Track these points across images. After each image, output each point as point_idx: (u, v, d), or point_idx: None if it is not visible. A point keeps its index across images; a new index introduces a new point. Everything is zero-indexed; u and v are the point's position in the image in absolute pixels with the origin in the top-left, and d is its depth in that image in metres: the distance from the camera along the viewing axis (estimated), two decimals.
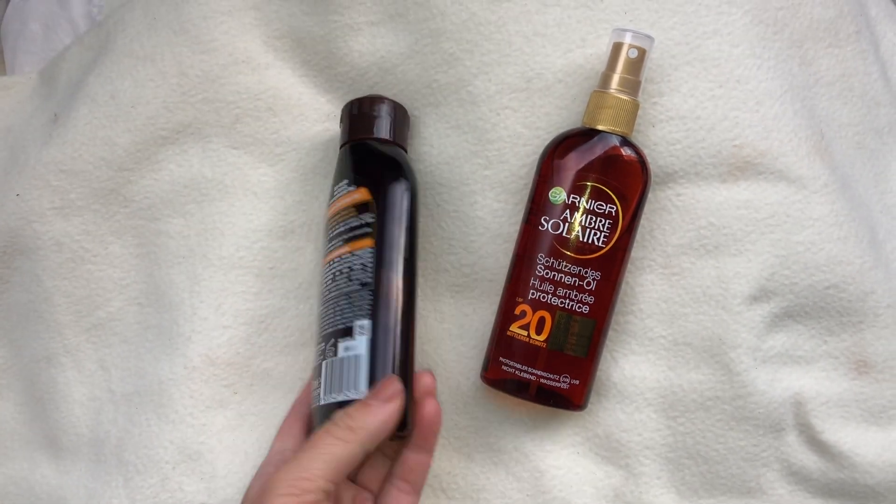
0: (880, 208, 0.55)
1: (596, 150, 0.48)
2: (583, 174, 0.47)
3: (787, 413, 0.51)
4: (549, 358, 0.48)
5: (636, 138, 0.50)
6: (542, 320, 0.48)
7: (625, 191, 0.48)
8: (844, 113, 0.54)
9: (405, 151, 0.51)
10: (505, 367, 0.49)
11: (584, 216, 0.47)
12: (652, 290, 0.51)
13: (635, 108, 0.48)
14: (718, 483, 0.51)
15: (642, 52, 0.48)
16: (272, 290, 0.54)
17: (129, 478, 0.52)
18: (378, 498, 0.47)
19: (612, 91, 0.48)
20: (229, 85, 0.54)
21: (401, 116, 0.51)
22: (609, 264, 0.48)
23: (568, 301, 0.48)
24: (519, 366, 0.48)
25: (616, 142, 0.48)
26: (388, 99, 0.51)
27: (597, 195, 0.47)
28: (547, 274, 0.48)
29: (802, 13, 0.52)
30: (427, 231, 0.53)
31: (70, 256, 0.54)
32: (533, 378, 0.48)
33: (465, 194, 0.52)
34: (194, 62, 0.53)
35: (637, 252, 0.51)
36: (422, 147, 0.53)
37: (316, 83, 0.55)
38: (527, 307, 0.48)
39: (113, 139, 0.54)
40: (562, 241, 0.48)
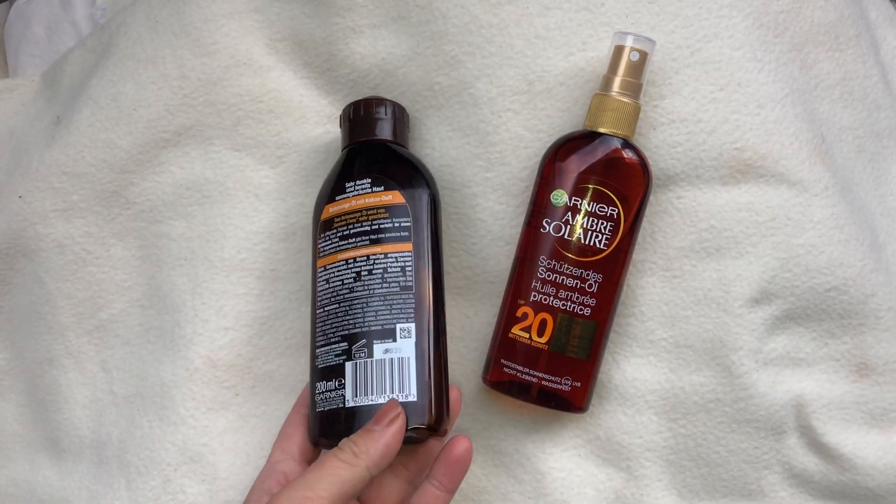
0: (881, 211, 0.55)
1: (597, 152, 0.48)
2: (584, 176, 0.48)
3: (788, 415, 0.51)
4: (550, 360, 0.48)
5: (638, 141, 0.50)
6: (543, 322, 0.48)
7: (626, 193, 0.48)
8: (845, 116, 0.54)
9: None
10: (506, 369, 0.49)
11: (586, 218, 0.48)
12: (653, 292, 0.51)
13: (637, 110, 0.48)
14: (720, 485, 0.51)
15: (644, 55, 0.48)
16: (274, 292, 0.54)
17: (131, 479, 0.52)
18: None
19: (613, 94, 0.48)
20: (231, 87, 0.54)
21: (406, 119, 0.52)
22: (610, 266, 0.48)
23: (569, 303, 0.48)
24: (520, 368, 0.48)
25: (617, 144, 0.48)
26: (395, 102, 0.51)
27: (598, 197, 0.48)
28: (548, 276, 0.48)
29: (803, 17, 0.52)
30: None
31: (72, 258, 0.55)
32: (534, 380, 0.48)
33: (466, 197, 0.52)
34: (196, 65, 0.53)
35: (638, 254, 0.51)
36: (423, 149, 0.53)
37: (317, 85, 0.55)
38: (528, 309, 0.48)
39: (115, 141, 0.54)
40: (563, 243, 0.48)
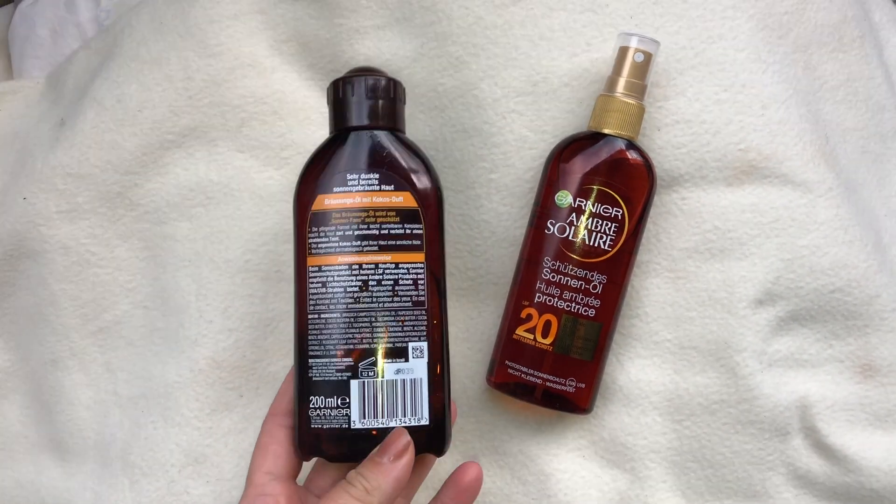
0: (885, 212, 0.55)
1: (602, 153, 0.48)
2: (589, 178, 0.48)
3: (792, 417, 0.51)
4: (555, 361, 0.48)
5: (642, 142, 0.50)
6: (548, 324, 0.48)
7: (631, 194, 0.48)
8: (849, 117, 0.54)
9: None
10: (511, 371, 0.49)
11: (590, 219, 0.48)
12: (658, 293, 0.51)
13: (641, 111, 0.48)
14: (724, 487, 0.51)
15: (648, 57, 0.48)
16: (278, 293, 0.54)
17: (136, 480, 0.52)
18: None
19: (617, 95, 0.48)
20: (235, 89, 0.54)
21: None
22: (615, 268, 0.48)
23: (574, 304, 0.48)
24: (525, 369, 0.48)
25: (622, 145, 0.48)
26: (398, 81, 0.46)
27: (603, 199, 0.48)
28: (553, 277, 0.48)
29: (807, 18, 0.52)
30: None
31: (76, 260, 0.55)
32: (539, 381, 0.48)
33: (470, 198, 0.52)
34: (200, 66, 0.54)
35: (643, 255, 0.51)
36: (427, 151, 0.53)
37: (322, 87, 0.55)
38: (533, 310, 0.48)
39: (119, 143, 0.54)
40: (568, 244, 0.48)
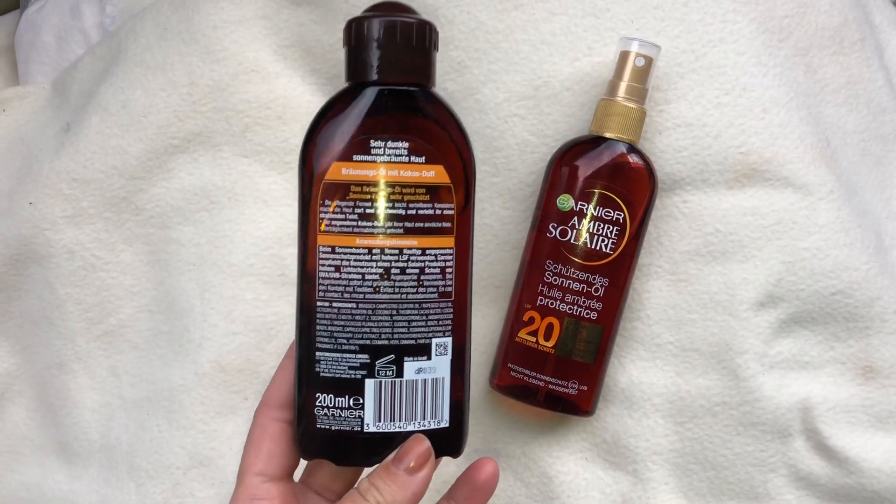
0: (886, 214, 0.55)
1: (603, 157, 0.48)
2: (590, 181, 0.48)
3: (794, 418, 0.51)
4: (557, 364, 0.48)
5: (643, 146, 0.50)
6: (550, 326, 0.48)
7: (632, 198, 0.48)
8: (850, 120, 0.54)
9: None
10: (513, 373, 0.49)
11: (592, 223, 0.48)
12: (659, 296, 0.51)
13: (642, 115, 0.48)
14: (726, 488, 0.51)
15: (649, 61, 0.48)
16: (281, 297, 0.54)
17: (141, 483, 0.52)
18: None
19: (619, 99, 0.48)
20: (239, 94, 0.54)
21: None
22: (617, 271, 0.48)
23: (576, 307, 0.48)
24: (527, 372, 0.48)
25: (623, 149, 0.48)
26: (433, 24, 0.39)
27: (604, 202, 0.48)
28: (555, 280, 0.48)
29: (807, 21, 0.53)
30: None
31: (82, 264, 0.55)
32: (541, 384, 0.48)
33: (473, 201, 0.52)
34: (204, 72, 0.54)
35: (644, 258, 0.51)
36: None
37: (325, 92, 0.55)
38: (535, 313, 0.48)
39: (124, 148, 0.54)
40: (570, 247, 0.48)
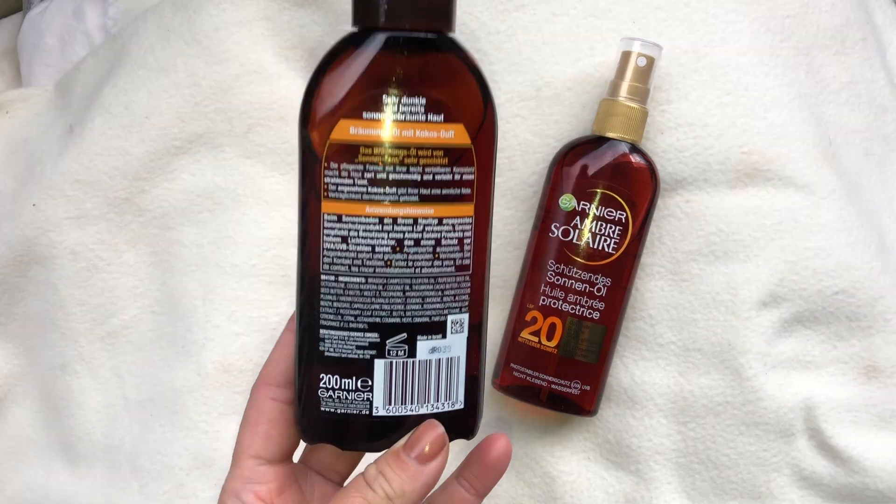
0: (888, 214, 0.55)
1: (605, 157, 0.48)
2: (592, 181, 0.48)
3: (796, 418, 0.51)
4: (559, 364, 0.48)
5: (645, 145, 0.50)
6: (552, 326, 0.48)
7: (634, 197, 0.48)
8: (852, 119, 0.54)
9: None
10: (516, 373, 0.49)
11: (594, 223, 0.48)
12: (662, 296, 0.51)
13: (644, 115, 0.48)
14: (729, 488, 0.51)
15: (651, 61, 0.48)
16: (284, 297, 0.54)
17: (144, 484, 0.52)
18: None
19: (621, 99, 0.48)
20: (241, 95, 0.54)
21: None
22: (619, 270, 0.48)
23: (578, 307, 0.48)
24: (530, 372, 0.49)
25: (625, 149, 0.48)
26: None
27: (606, 202, 0.48)
28: (557, 280, 0.48)
29: (809, 21, 0.53)
30: None
31: (85, 265, 0.55)
32: (544, 384, 0.48)
33: None
34: (207, 73, 0.54)
35: (647, 258, 0.51)
36: None
37: None
38: (537, 313, 0.48)
39: (127, 149, 0.54)
40: (572, 247, 0.48)
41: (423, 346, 0.34)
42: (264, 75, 0.54)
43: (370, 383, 0.34)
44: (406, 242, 0.33)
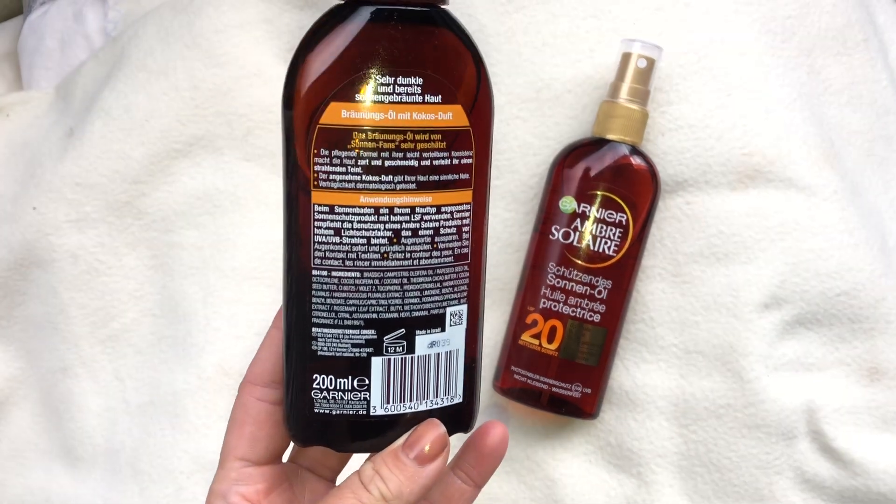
0: (891, 215, 0.55)
1: (606, 159, 0.48)
2: (593, 183, 0.48)
3: (799, 420, 0.51)
4: (560, 367, 0.48)
5: (646, 147, 0.50)
6: (553, 329, 0.48)
7: (635, 199, 0.48)
8: (854, 121, 0.54)
9: None
10: (517, 376, 0.49)
11: (595, 225, 0.48)
12: (663, 298, 0.51)
13: (644, 117, 0.48)
14: (731, 491, 0.51)
15: (651, 62, 0.48)
16: None
17: (145, 487, 0.52)
18: None
19: (621, 101, 0.48)
20: (241, 98, 0.54)
21: None
22: (620, 273, 0.48)
23: (579, 310, 0.48)
24: (531, 375, 0.48)
25: (626, 151, 0.48)
26: None
27: (607, 204, 0.48)
28: (558, 283, 0.48)
29: (810, 22, 0.53)
30: None
31: (85, 268, 0.55)
32: (545, 387, 0.48)
33: None
34: (207, 76, 0.54)
35: (648, 260, 0.51)
36: None
37: None
38: (538, 316, 0.48)
39: (127, 152, 0.54)
40: (572, 250, 0.48)
41: (422, 340, 0.33)
42: (264, 78, 0.54)
43: (367, 382, 0.32)
44: (403, 233, 0.32)
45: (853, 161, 0.54)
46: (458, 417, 0.34)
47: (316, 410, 0.33)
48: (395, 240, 0.31)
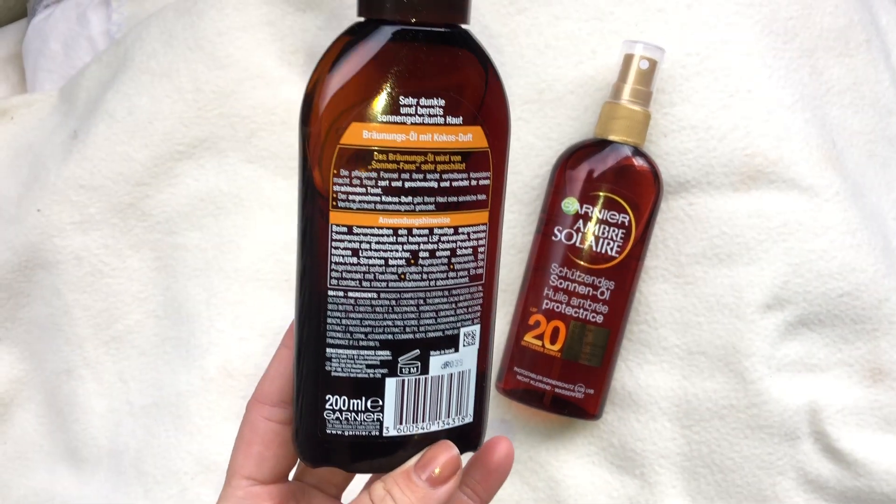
0: (893, 216, 0.55)
1: (608, 160, 0.48)
2: (595, 184, 0.48)
3: (802, 421, 0.51)
4: (563, 367, 0.48)
5: (648, 148, 0.50)
6: (556, 330, 0.48)
7: (637, 200, 0.48)
8: (856, 121, 0.54)
9: None
10: (519, 377, 0.49)
11: (597, 226, 0.48)
12: (665, 299, 0.51)
13: (647, 118, 0.48)
14: (734, 492, 0.51)
15: (653, 63, 0.48)
16: (288, 301, 0.54)
17: (149, 488, 0.52)
18: None
19: (623, 102, 0.48)
20: (244, 100, 0.54)
21: None
22: (622, 274, 0.48)
23: (582, 311, 0.48)
24: (533, 375, 0.48)
25: (628, 152, 0.48)
26: None
27: (609, 205, 0.48)
28: (561, 284, 0.48)
29: (813, 23, 0.53)
30: None
31: (89, 270, 0.55)
32: (548, 388, 0.48)
33: None
34: (210, 78, 0.54)
35: (650, 261, 0.51)
36: None
37: None
38: (541, 317, 0.48)
39: (131, 154, 0.54)
40: (575, 251, 0.48)
41: (436, 361, 0.33)
42: (267, 80, 0.54)
43: (381, 403, 0.32)
44: (421, 254, 0.31)
45: (855, 162, 0.54)
46: (468, 437, 0.34)
47: (328, 431, 0.32)
48: (412, 261, 0.31)
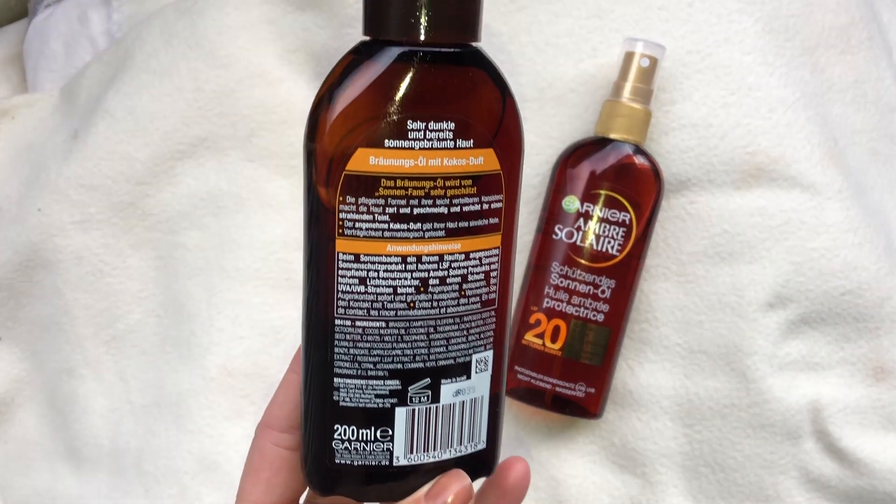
0: (895, 214, 0.54)
1: (609, 158, 0.48)
2: (596, 183, 0.48)
3: (804, 420, 0.50)
4: (564, 366, 0.48)
5: (649, 146, 0.50)
6: (556, 329, 0.48)
7: (638, 199, 0.48)
8: (858, 119, 0.54)
9: None
10: (520, 376, 0.49)
11: (598, 224, 0.48)
12: (667, 297, 0.51)
13: (648, 116, 0.48)
14: (736, 491, 0.51)
15: (654, 61, 0.48)
16: (288, 300, 0.54)
17: (149, 488, 0.52)
18: None
19: (624, 100, 0.48)
20: (245, 99, 0.54)
21: None
22: (623, 272, 0.48)
23: (583, 309, 0.48)
24: (534, 374, 0.48)
25: (629, 150, 0.48)
26: None
27: (610, 203, 0.48)
28: (561, 282, 0.48)
29: (814, 20, 0.52)
30: None
31: (90, 270, 0.55)
32: (548, 387, 0.48)
33: None
34: (210, 77, 0.54)
35: (651, 260, 0.51)
36: None
37: None
38: (541, 316, 0.48)
39: (131, 154, 0.54)
40: (576, 249, 0.48)
41: (447, 389, 0.32)
42: (267, 79, 0.54)
43: (390, 433, 0.31)
44: (431, 281, 0.30)
45: (857, 160, 0.53)
46: (482, 463, 0.34)
47: (337, 461, 0.32)
48: (422, 289, 0.30)
